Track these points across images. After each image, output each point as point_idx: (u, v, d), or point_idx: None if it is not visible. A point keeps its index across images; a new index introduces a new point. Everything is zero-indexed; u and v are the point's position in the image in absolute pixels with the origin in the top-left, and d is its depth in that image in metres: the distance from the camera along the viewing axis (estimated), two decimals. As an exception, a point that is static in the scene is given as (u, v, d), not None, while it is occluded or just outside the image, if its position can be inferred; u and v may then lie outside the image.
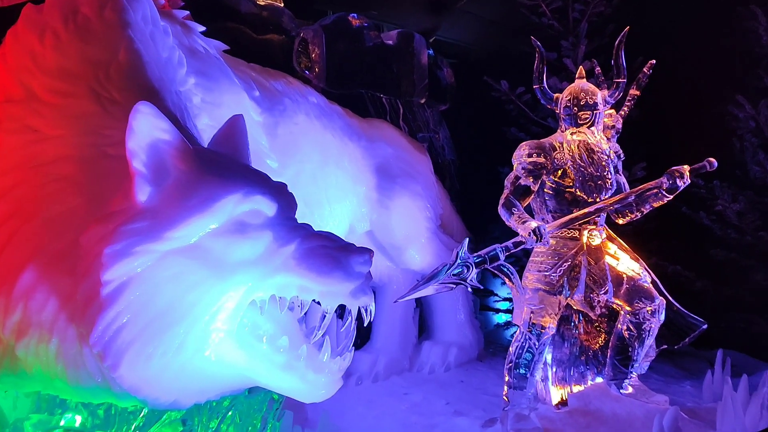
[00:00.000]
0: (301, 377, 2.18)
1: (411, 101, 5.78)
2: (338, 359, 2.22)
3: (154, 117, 2.12)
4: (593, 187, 3.55)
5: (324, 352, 2.19)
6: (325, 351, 2.19)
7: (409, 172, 4.70)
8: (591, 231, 3.57)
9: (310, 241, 2.16)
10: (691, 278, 4.79)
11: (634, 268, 3.65)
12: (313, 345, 2.26)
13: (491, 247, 3.18)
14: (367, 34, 5.29)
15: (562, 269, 3.47)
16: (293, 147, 3.83)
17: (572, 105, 3.61)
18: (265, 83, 3.84)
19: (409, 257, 4.70)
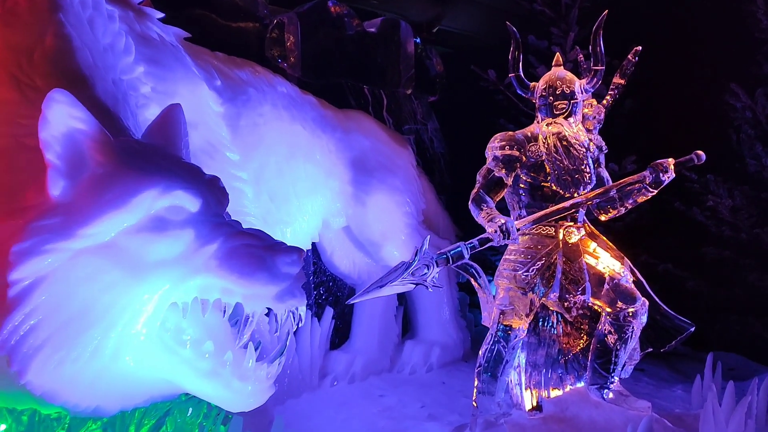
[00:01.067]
0: (225, 385, 2.06)
1: (397, 92, 5.63)
2: (264, 366, 2.09)
3: (69, 106, 2.01)
4: (570, 181, 3.38)
5: (248, 359, 2.06)
6: (249, 357, 2.06)
7: (387, 165, 4.55)
8: (568, 228, 3.40)
9: (234, 240, 2.03)
10: (683, 277, 4.60)
11: (615, 267, 3.48)
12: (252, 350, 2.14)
13: (455, 245, 3.03)
14: (348, 22, 5.14)
15: (535, 268, 3.31)
16: (257, 139, 3.71)
17: (548, 94, 3.43)
18: (229, 72, 3.72)
19: (387, 254, 4.57)
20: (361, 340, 4.82)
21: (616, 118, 5.09)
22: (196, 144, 3.30)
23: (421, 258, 2.91)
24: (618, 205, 3.59)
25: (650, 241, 4.69)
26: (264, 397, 2.11)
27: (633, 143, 4.93)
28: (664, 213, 4.79)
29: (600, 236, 3.78)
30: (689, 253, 4.64)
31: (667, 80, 4.97)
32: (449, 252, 2.98)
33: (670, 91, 4.94)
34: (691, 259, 4.63)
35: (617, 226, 4.71)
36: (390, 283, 2.84)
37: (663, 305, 3.73)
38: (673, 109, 4.91)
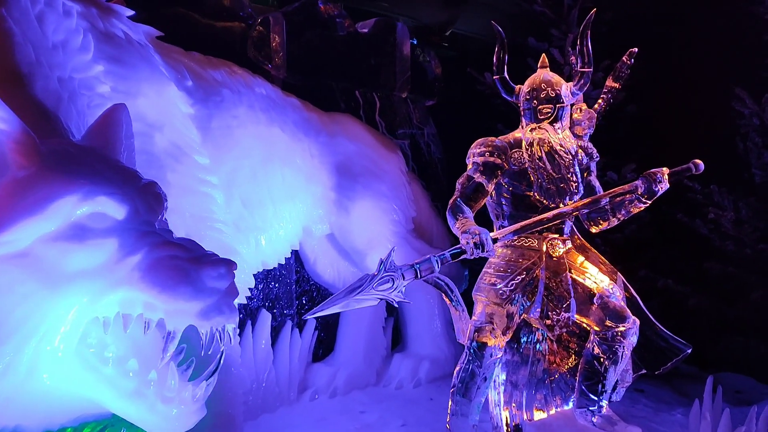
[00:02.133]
0: (150, 407, 1.91)
1: (391, 95, 5.47)
2: (190, 387, 1.95)
3: (-11, 104, 1.89)
4: (554, 190, 3.19)
5: (170, 379, 1.91)
6: (171, 378, 1.92)
7: (372, 170, 4.40)
8: (552, 240, 3.21)
9: (158, 251, 1.89)
10: (684, 294, 4.35)
11: (604, 283, 3.27)
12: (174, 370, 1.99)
13: (425, 257, 2.86)
14: (339, 23, 5.00)
15: (514, 282, 3.12)
16: (230, 142, 3.59)
17: (532, 98, 3.25)
18: (202, 73, 3.60)
19: (372, 263, 4.36)
20: (346, 353, 4.67)
21: (618, 124, 4.89)
22: (161, 146, 3.19)
23: (386, 270, 2.75)
24: (609, 217, 3.40)
25: (650, 254, 4.47)
26: (191, 422, 1.96)
27: (635, 150, 4.72)
28: (666, 225, 4.55)
29: (591, 249, 3.58)
30: (691, 268, 4.40)
31: (671, 85, 4.75)
32: (417, 264, 2.81)
33: (675, 97, 4.72)
34: (694, 275, 4.39)
35: (616, 238, 4.50)
36: (351, 297, 2.68)
37: (658, 324, 3.53)
38: (677, 115, 4.69)
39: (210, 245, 3.40)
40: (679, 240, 4.54)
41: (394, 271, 2.76)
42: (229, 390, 3.52)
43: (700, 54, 4.58)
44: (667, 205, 4.54)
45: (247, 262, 3.65)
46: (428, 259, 2.85)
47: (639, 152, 4.60)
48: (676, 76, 4.70)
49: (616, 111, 4.88)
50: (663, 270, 4.42)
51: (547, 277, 3.18)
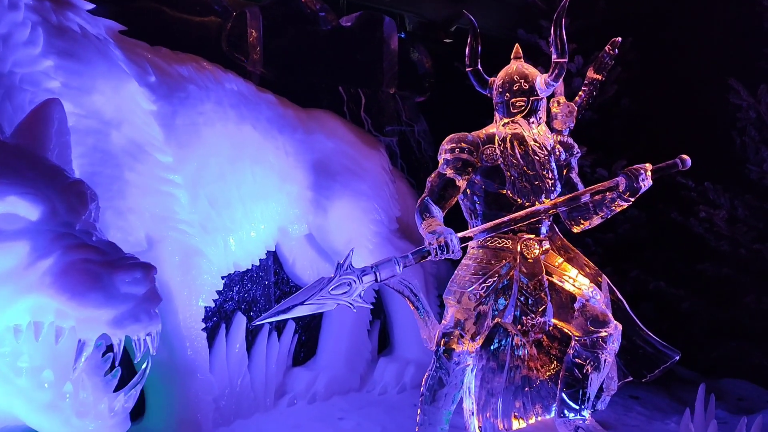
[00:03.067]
0: (64, 421, 1.81)
1: (378, 91, 5.34)
2: (106, 400, 1.83)
3: None
4: (529, 188, 3.04)
5: (83, 392, 1.80)
6: (85, 390, 1.81)
7: (352, 168, 4.27)
8: (527, 241, 3.06)
9: (72, 254, 1.78)
10: (678, 296, 4.16)
11: (583, 286, 3.12)
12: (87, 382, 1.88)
13: (386, 258, 2.73)
14: (322, 17, 4.88)
15: (486, 285, 2.98)
16: (195, 139, 3.49)
17: (504, 90, 3.10)
18: (167, 68, 3.50)
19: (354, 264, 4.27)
20: (327, 356, 4.54)
21: (611, 119, 4.71)
22: (118, 144, 3.10)
23: (343, 273, 2.62)
24: (591, 215, 3.24)
25: (643, 254, 4.28)
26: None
27: (628, 146, 4.54)
28: (660, 224, 4.37)
29: (573, 251, 3.42)
30: (685, 270, 4.21)
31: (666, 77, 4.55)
32: (376, 266, 2.68)
33: (670, 89, 4.53)
34: (688, 276, 4.19)
35: (608, 238, 4.32)
36: (305, 302, 2.56)
37: (645, 329, 3.37)
38: (672, 108, 4.49)
39: (173, 246, 3.36)
40: (673, 240, 4.35)
41: (351, 274, 2.64)
42: (194, 396, 3.43)
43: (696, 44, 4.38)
44: (662, 204, 4.36)
45: (215, 264, 3.55)
46: (389, 260, 2.71)
47: (632, 148, 4.42)
48: (672, 67, 4.51)
49: (610, 105, 4.71)
50: (656, 271, 4.24)
51: (522, 279, 3.03)
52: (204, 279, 3.45)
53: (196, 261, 3.39)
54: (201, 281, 3.43)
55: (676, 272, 4.24)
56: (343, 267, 2.63)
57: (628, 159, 4.16)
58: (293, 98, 4.42)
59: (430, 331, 2.95)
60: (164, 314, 3.26)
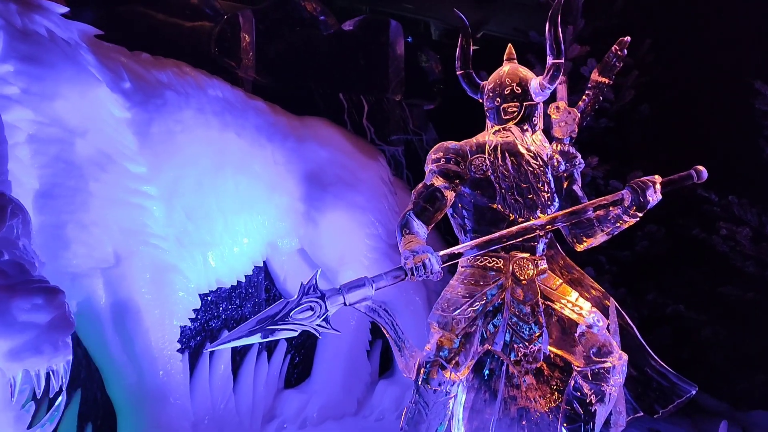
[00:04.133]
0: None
1: (383, 98, 5.13)
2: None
3: None
4: (521, 202, 2.76)
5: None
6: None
7: (346, 179, 4.06)
8: (520, 260, 2.78)
9: (-32, 276, 1.60)
10: (699, 322, 3.81)
11: (584, 311, 2.82)
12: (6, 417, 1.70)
13: (357, 279, 2.49)
14: (322, 21, 4.70)
15: (472, 309, 2.71)
16: (171, 148, 3.33)
17: (495, 95, 2.84)
18: (144, 74, 3.35)
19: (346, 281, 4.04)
20: (322, 378, 4.33)
21: (629, 126, 4.39)
22: (83, 154, 2.96)
23: (307, 296, 2.39)
24: (596, 232, 2.93)
25: (661, 274, 3.94)
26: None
27: (647, 155, 4.21)
28: (680, 241, 4.02)
29: (577, 270, 3.13)
30: (708, 292, 3.85)
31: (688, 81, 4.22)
32: (346, 288, 2.44)
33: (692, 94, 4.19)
34: (710, 300, 3.83)
35: (623, 256, 4.00)
36: (265, 327, 2.34)
37: (658, 360, 3.05)
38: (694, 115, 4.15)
39: (143, 262, 3.18)
40: (695, 259, 3.99)
41: (316, 296, 2.41)
42: (166, 422, 3.24)
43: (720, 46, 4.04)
44: (683, 219, 4.03)
45: (192, 281, 3.37)
46: (360, 282, 2.47)
47: (649, 157, 4.10)
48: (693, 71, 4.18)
49: (627, 111, 4.39)
50: (675, 293, 3.89)
51: (514, 303, 2.75)
52: (179, 297, 3.27)
53: (170, 277, 3.22)
54: (175, 299, 3.26)
55: (697, 295, 3.88)
56: (306, 289, 2.40)
57: (643, 169, 3.84)
58: (289, 105, 4.24)
59: (407, 361, 2.69)
60: (133, 334, 3.13)
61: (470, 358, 2.72)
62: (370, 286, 2.47)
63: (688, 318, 3.80)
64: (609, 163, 4.06)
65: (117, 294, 3.03)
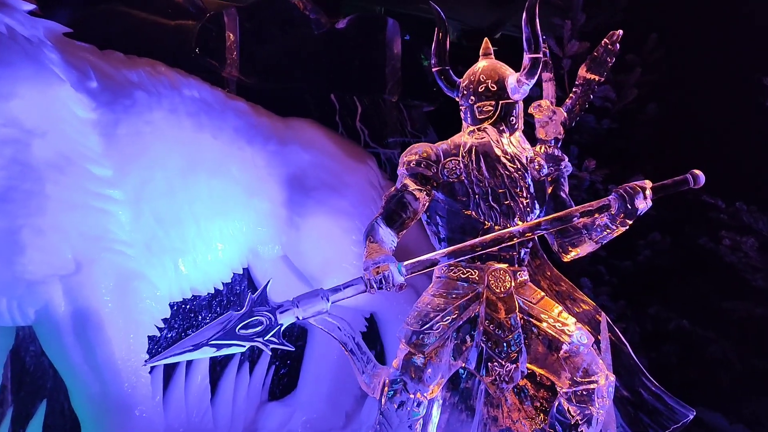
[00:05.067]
0: None
1: (379, 99, 4.97)
2: None
3: None
4: (496, 209, 2.57)
5: None
6: None
7: (330, 183, 3.90)
8: (495, 271, 2.59)
9: None
10: (705, 338, 3.55)
11: (567, 327, 2.61)
12: None
13: (312, 291, 2.33)
14: (313, 20, 4.56)
15: (442, 325, 2.52)
16: (139, 150, 3.22)
17: (469, 93, 2.66)
18: (113, 73, 3.25)
19: (329, 289, 3.89)
20: (308, 391, 4.17)
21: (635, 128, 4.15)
22: (41, 156, 2.86)
23: (256, 309, 2.24)
24: (584, 240, 2.72)
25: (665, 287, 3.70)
26: None
27: (653, 158, 3.97)
28: (686, 251, 3.76)
29: (565, 282, 2.93)
30: (715, 306, 3.58)
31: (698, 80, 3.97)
32: (299, 301, 2.29)
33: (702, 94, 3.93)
34: (718, 315, 3.56)
35: (624, 266, 3.76)
36: (208, 341, 2.19)
37: (654, 381, 2.85)
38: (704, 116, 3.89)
39: (106, 268, 3.05)
40: (701, 270, 3.73)
41: (266, 309, 2.26)
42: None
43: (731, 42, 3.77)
44: (689, 227, 3.78)
45: (160, 288, 3.25)
46: (314, 294, 2.32)
47: (654, 161, 3.86)
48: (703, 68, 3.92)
49: (635, 112, 4.15)
50: (680, 307, 3.64)
51: (488, 318, 2.56)
52: (145, 305, 3.16)
53: (135, 285, 3.11)
54: (141, 308, 3.14)
55: (703, 309, 3.61)
56: (256, 301, 2.26)
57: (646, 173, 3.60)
58: (277, 107, 4.11)
59: (369, 380, 2.52)
60: (94, 344, 3.02)
61: (440, 377, 2.54)
62: (326, 299, 2.32)
63: (694, 334, 3.54)
64: (609, 167, 3.83)
65: (77, 302, 2.93)
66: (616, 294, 3.61)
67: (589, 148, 3.96)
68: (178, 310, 3.70)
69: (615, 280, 3.72)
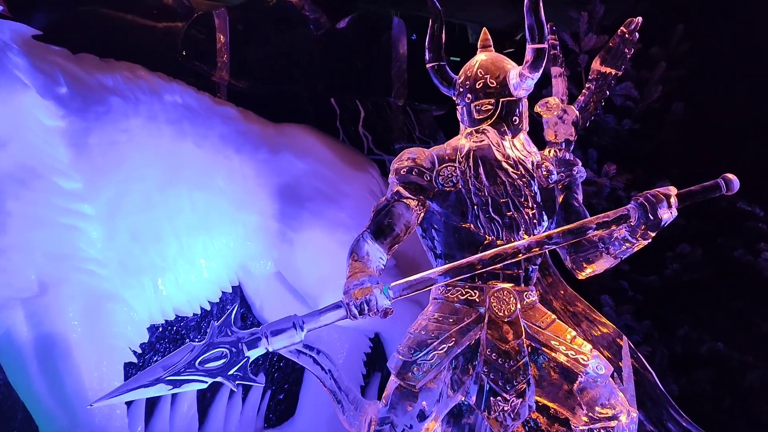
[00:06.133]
0: None
1: (384, 103, 4.71)
2: None
3: None
4: (497, 221, 2.28)
5: None
6: None
7: (327, 193, 3.66)
8: (499, 292, 2.29)
9: None
10: (742, 363, 3.19)
11: (582, 355, 2.30)
12: None
13: (284, 319, 2.07)
14: (312, 20, 4.33)
15: (437, 354, 2.23)
16: (113, 161, 3.03)
17: (465, 90, 2.38)
18: (86, 78, 3.06)
19: (327, 308, 3.63)
20: (307, 418, 3.96)
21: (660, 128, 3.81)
22: (2, 168, 2.65)
23: (219, 339, 1.98)
24: (600, 256, 2.41)
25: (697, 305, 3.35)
26: None
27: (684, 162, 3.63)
28: (720, 265, 3.41)
29: (581, 302, 2.63)
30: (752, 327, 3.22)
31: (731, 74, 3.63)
32: (268, 331, 2.02)
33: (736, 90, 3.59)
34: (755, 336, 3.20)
35: (650, 282, 3.42)
36: (163, 378, 1.94)
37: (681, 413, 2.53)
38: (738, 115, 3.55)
39: (75, 290, 2.80)
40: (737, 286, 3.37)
41: (231, 339, 2.00)
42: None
43: (767, 31, 3.44)
44: (723, 237, 3.44)
45: (139, 311, 3.02)
46: (287, 322, 2.05)
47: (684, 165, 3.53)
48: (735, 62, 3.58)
49: (660, 111, 3.81)
50: (713, 328, 3.29)
51: (490, 346, 2.26)
52: (120, 329, 2.93)
53: (108, 307, 2.90)
54: (115, 332, 2.91)
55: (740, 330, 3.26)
56: (219, 330, 1.99)
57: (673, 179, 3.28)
58: (271, 112, 3.88)
59: (352, 418, 2.25)
60: (63, 374, 2.78)
61: (434, 414, 2.25)
62: (299, 328, 2.05)
63: (730, 358, 3.19)
64: (633, 172, 3.50)
65: (41, 327, 2.72)
66: (640, 313, 3.27)
67: (610, 152, 3.64)
68: (163, 333, 3.48)
69: (640, 298, 3.38)
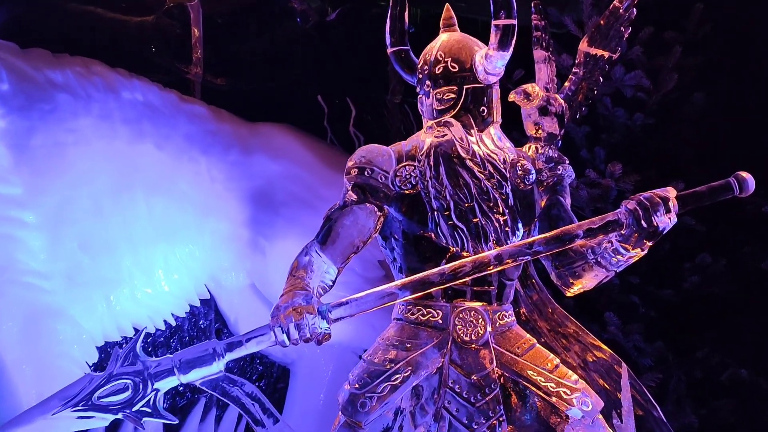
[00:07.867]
0: None
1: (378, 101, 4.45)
2: None
3: None
4: (461, 229, 1.97)
5: None
6: None
7: (304, 198, 3.41)
8: (465, 312, 1.98)
9: None
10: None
11: (565, 388, 1.96)
12: None
13: (200, 346, 1.78)
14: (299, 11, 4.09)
15: (392, 385, 1.93)
16: (59, 164, 2.84)
17: (424, 77, 2.09)
18: (32, 74, 2.88)
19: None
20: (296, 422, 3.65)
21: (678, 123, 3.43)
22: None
23: (121, 370, 1.71)
24: (590, 267, 2.06)
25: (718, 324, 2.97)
26: None
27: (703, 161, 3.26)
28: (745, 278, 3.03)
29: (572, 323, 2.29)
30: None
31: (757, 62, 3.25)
32: (181, 360, 1.74)
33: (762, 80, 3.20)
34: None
35: (665, 296, 3.04)
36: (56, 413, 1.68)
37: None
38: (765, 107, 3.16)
39: (11, 307, 2.62)
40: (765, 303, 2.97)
41: (137, 370, 1.73)
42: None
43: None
44: (749, 247, 3.05)
45: (86, 329, 2.81)
46: (203, 349, 1.78)
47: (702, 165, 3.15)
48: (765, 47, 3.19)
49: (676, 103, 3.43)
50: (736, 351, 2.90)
51: (455, 377, 1.94)
52: (64, 348, 2.70)
53: (51, 324, 2.67)
54: (59, 351, 2.69)
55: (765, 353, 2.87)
56: (122, 359, 1.73)
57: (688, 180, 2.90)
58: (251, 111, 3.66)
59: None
60: (0, 399, 2.59)
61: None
62: (219, 357, 1.76)
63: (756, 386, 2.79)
64: (642, 172, 3.14)
65: (-29, 347, 2.50)
66: (652, 333, 2.90)
67: (620, 150, 3.28)
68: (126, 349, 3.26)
69: (652, 314, 3.02)
